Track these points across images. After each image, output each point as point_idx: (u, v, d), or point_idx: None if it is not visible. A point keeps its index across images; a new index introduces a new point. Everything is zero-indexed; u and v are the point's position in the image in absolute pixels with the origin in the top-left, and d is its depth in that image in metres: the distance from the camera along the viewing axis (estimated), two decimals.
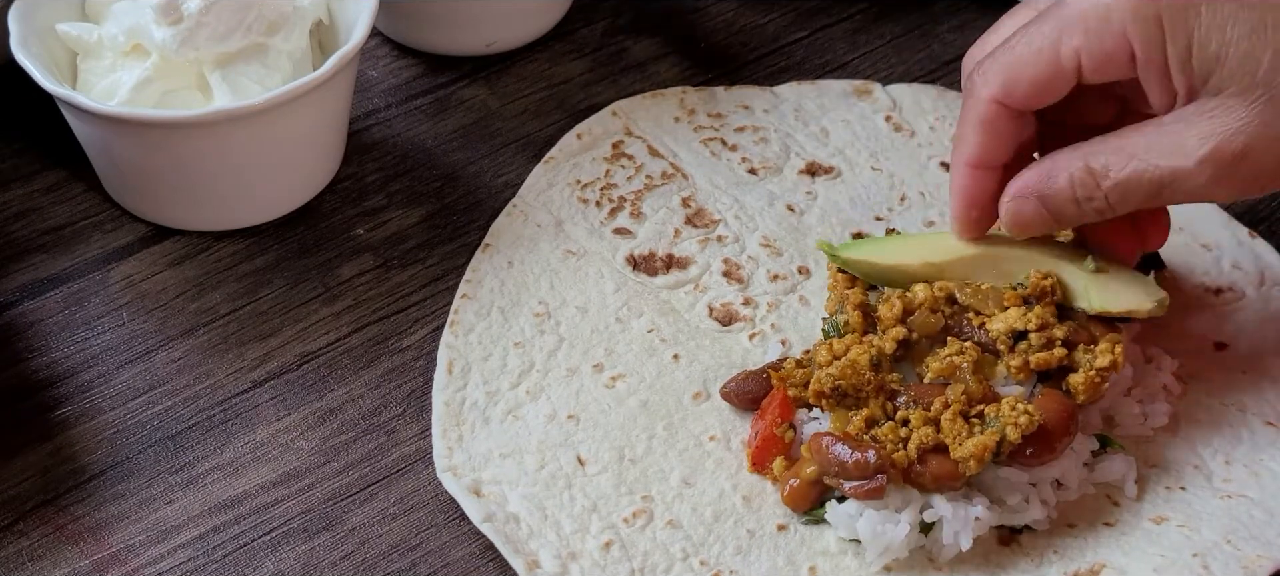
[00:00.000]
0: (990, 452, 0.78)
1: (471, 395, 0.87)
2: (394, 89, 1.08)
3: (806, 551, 0.81)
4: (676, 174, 1.00)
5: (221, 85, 0.93)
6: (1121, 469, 0.83)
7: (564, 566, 0.80)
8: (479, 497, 0.82)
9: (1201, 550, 0.80)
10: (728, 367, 0.89)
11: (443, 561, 0.82)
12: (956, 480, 0.79)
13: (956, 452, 0.78)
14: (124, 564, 0.81)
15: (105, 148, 0.95)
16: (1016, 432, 0.78)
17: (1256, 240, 0.96)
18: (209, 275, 0.96)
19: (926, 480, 0.79)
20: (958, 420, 0.78)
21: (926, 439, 0.78)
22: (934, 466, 0.79)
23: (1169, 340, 0.89)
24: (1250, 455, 0.84)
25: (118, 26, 0.93)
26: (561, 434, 0.86)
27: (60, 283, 0.95)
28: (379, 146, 1.04)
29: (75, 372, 0.90)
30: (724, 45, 1.12)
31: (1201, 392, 0.87)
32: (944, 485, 0.79)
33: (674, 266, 0.95)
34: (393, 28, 1.10)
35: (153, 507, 0.84)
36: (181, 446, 0.87)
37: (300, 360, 0.91)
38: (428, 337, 0.92)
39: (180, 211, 0.97)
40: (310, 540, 0.83)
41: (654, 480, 0.84)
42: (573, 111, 1.06)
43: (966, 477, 0.79)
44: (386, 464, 0.86)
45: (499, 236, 0.96)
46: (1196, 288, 0.93)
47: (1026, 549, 0.81)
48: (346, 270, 0.96)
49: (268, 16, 0.94)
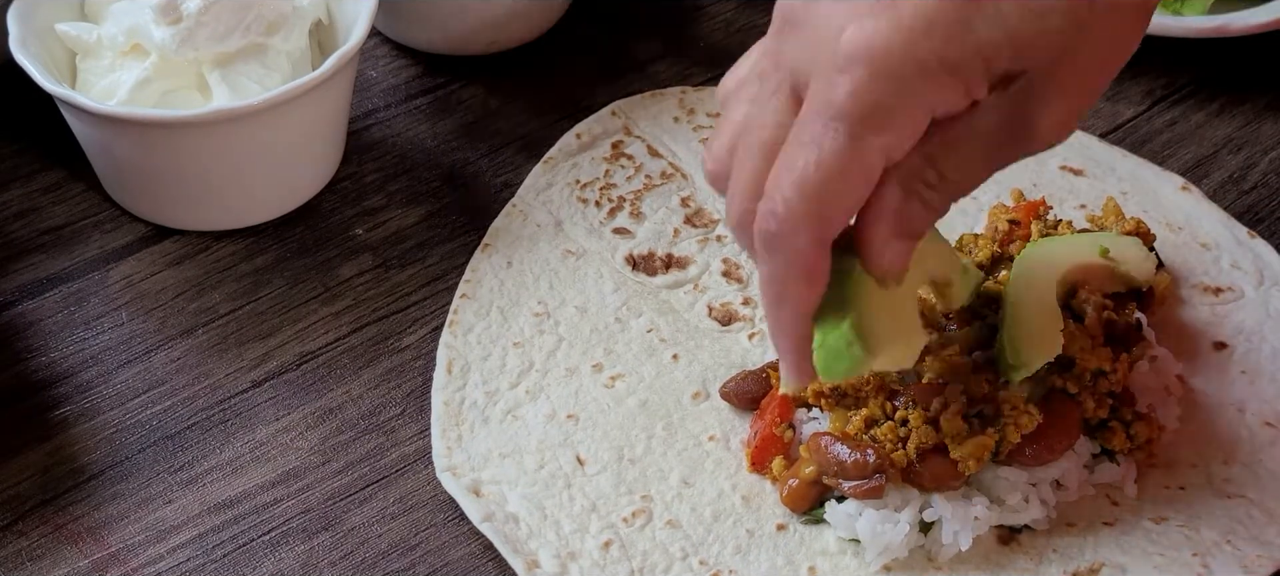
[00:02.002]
0: (989, 452, 0.78)
1: (471, 395, 0.87)
2: (393, 89, 1.08)
3: (806, 551, 0.81)
4: (676, 174, 1.00)
5: (221, 85, 0.93)
6: (1122, 469, 0.83)
7: (563, 566, 0.80)
8: (478, 497, 0.82)
9: (1201, 550, 0.80)
10: (727, 367, 0.89)
11: (442, 561, 0.82)
12: (956, 480, 0.79)
13: (956, 452, 0.78)
14: (123, 563, 0.81)
15: (104, 147, 0.95)
16: (1016, 433, 0.78)
17: (1256, 240, 0.96)
18: (208, 275, 0.96)
19: (926, 480, 0.79)
20: (957, 420, 0.78)
21: (926, 439, 0.78)
22: (933, 466, 0.78)
23: (1168, 340, 0.89)
24: (1249, 455, 0.84)
25: (117, 26, 0.93)
26: (561, 433, 0.86)
27: (59, 282, 0.95)
28: (378, 146, 1.04)
29: (74, 372, 0.90)
30: (724, 45, 1.12)
31: (1201, 392, 0.87)
32: (943, 485, 0.79)
33: (673, 266, 0.95)
34: (392, 28, 1.10)
35: (152, 507, 0.84)
36: (181, 446, 0.87)
37: (299, 360, 0.91)
38: (427, 337, 0.92)
39: (179, 211, 0.97)
40: (309, 540, 0.82)
41: (653, 480, 0.84)
42: (572, 111, 1.06)
43: (966, 478, 0.79)
44: (386, 463, 0.86)
45: (498, 236, 0.96)
46: (1195, 287, 0.93)
47: (1026, 548, 0.80)
48: (346, 270, 0.96)
49: (267, 16, 0.94)
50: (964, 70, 0.65)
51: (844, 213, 0.68)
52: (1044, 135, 0.69)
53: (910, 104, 0.65)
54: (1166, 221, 0.96)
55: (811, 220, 0.67)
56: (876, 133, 0.65)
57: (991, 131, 0.68)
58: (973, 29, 0.65)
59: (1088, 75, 0.69)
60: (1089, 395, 0.80)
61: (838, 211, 0.67)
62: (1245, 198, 1.01)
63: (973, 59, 0.65)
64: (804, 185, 0.66)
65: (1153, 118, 1.06)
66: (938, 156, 0.68)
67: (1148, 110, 1.07)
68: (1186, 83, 1.09)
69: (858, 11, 0.66)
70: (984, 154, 0.69)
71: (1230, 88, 1.08)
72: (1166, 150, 1.04)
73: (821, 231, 0.68)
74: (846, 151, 0.65)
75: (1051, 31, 0.65)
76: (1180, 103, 1.07)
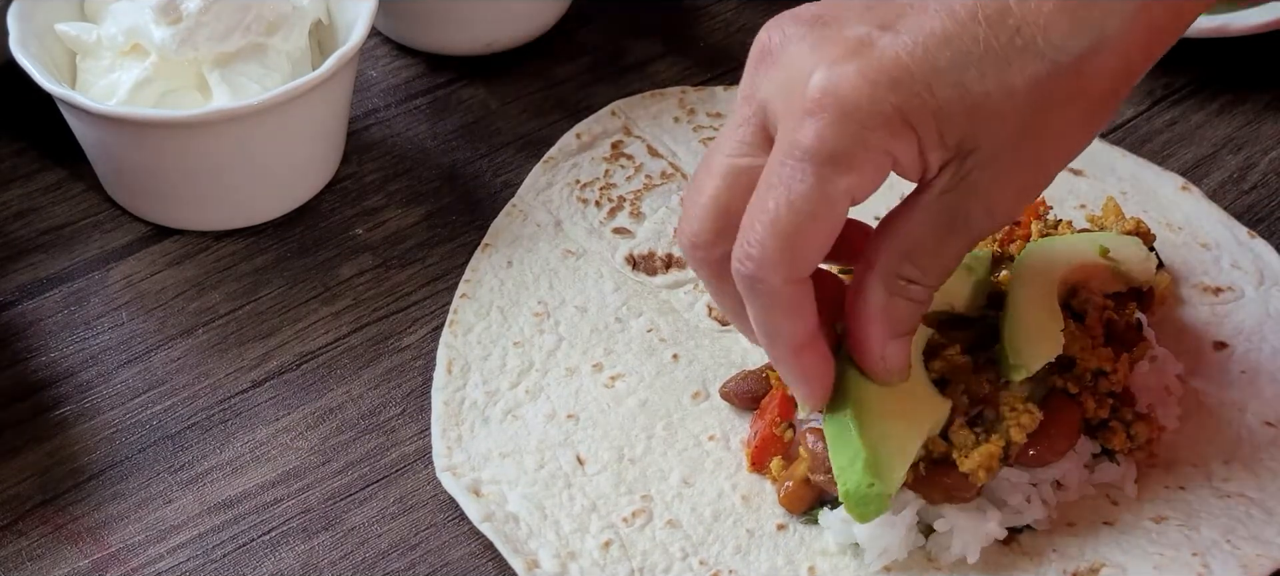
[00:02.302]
0: (997, 460, 0.77)
1: (471, 395, 0.87)
2: (393, 89, 1.08)
3: (806, 551, 0.81)
4: (676, 173, 1.00)
5: (221, 85, 0.93)
6: (1122, 469, 0.83)
7: (563, 566, 0.80)
8: (478, 497, 0.82)
9: (1201, 549, 0.80)
10: (727, 367, 0.89)
11: (442, 561, 0.82)
12: (969, 492, 0.78)
13: (964, 465, 0.77)
14: (123, 563, 0.81)
15: (104, 147, 0.95)
16: (1021, 433, 0.77)
17: (1256, 240, 0.96)
18: (208, 275, 0.96)
19: (938, 493, 0.78)
20: (963, 429, 0.78)
21: (934, 449, 0.78)
22: (946, 479, 0.78)
23: (1168, 340, 0.89)
24: (1250, 454, 0.84)
25: (117, 26, 0.93)
26: (561, 433, 0.86)
27: (59, 282, 0.95)
28: (378, 146, 1.04)
29: (74, 372, 0.90)
30: (724, 45, 1.12)
31: (1201, 392, 0.87)
32: (956, 497, 0.78)
33: (673, 266, 0.95)
34: (392, 28, 1.10)
35: (152, 507, 0.84)
36: (181, 446, 0.87)
37: (299, 360, 0.91)
38: (427, 337, 0.92)
39: (179, 211, 0.97)
40: (309, 539, 0.82)
41: (653, 479, 0.84)
42: (572, 111, 1.06)
43: (979, 489, 0.78)
44: (386, 463, 0.86)
45: (498, 236, 0.96)
46: (1195, 287, 0.93)
47: (1026, 549, 0.80)
48: (346, 270, 0.96)
49: (267, 16, 0.94)
50: (920, 128, 0.68)
51: (815, 251, 0.71)
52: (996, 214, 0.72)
53: (872, 149, 0.68)
54: (1166, 221, 0.96)
55: (785, 259, 0.70)
56: (842, 174, 0.68)
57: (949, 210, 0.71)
58: (934, 92, 0.68)
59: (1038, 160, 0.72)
60: (1090, 395, 0.80)
61: (809, 249, 0.70)
62: (1245, 198, 1.01)
63: (928, 119, 0.68)
64: (776, 225, 0.69)
65: (1153, 118, 1.06)
66: (910, 251, 0.72)
67: (1148, 110, 1.07)
68: (1186, 83, 1.09)
69: (829, 57, 0.69)
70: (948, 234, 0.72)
71: (1230, 88, 1.08)
72: (1166, 150, 1.04)
73: (795, 270, 0.71)
74: (815, 192, 0.68)
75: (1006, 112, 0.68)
76: (1180, 103, 1.07)
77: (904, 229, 0.73)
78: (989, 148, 0.69)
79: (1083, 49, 0.68)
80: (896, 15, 0.69)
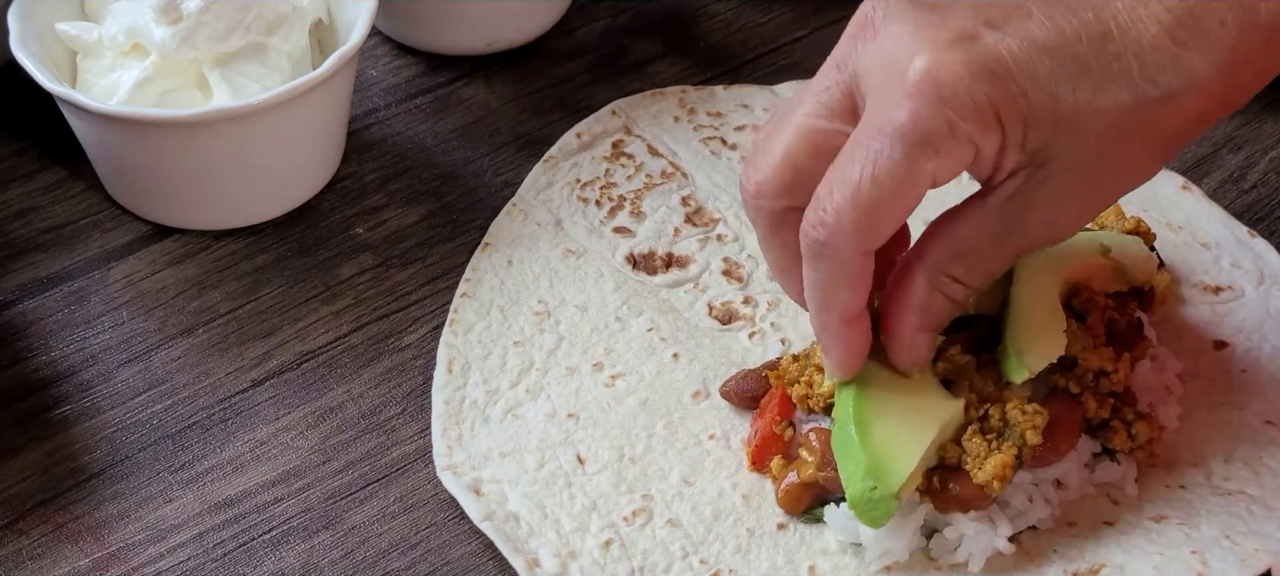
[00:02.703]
0: (1011, 469, 0.77)
1: (471, 394, 0.87)
2: (393, 88, 1.08)
3: (806, 550, 0.81)
4: (676, 173, 1.00)
5: (221, 85, 0.93)
6: (1122, 468, 0.83)
7: (563, 565, 0.80)
8: (479, 496, 0.82)
9: (1200, 547, 0.79)
10: (727, 366, 0.89)
11: (442, 560, 0.82)
12: (985, 501, 0.78)
13: (979, 476, 0.76)
14: (124, 562, 0.81)
15: (105, 147, 0.95)
16: (1036, 435, 0.77)
17: (1256, 239, 0.96)
18: (209, 274, 0.96)
19: (953, 503, 0.78)
20: (975, 437, 0.77)
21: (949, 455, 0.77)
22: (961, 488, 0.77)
23: (1168, 339, 0.89)
24: (1249, 453, 0.84)
25: (117, 26, 0.93)
26: (561, 432, 0.86)
27: (60, 281, 0.95)
28: (378, 145, 1.04)
29: (75, 372, 0.90)
30: (724, 45, 1.12)
31: (1201, 391, 0.87)
32: (972, 506, 0.78)
33: (674, 265, 0.95)
34: (392, 27, 1.10)
35: (152, 506, 0.84)
36: (181, 445, 0.87)
37: (300, 359, 0.91)
38: (427, 336, 0.92)
39: (180, 210, 0.97)
40: (310, 539, 0.82)
41: (654, 479, 0.84)
42: (572, 111, 1.06)
43: (994, 499, 0.78)
44: (386, 462, 0.86)
45: (498, 235, 0.96)
46: (1195, 286, 0.93)
47: (1026, 548, 0.80)
48: (346, 269, 0.96)
49: (267, 16, 0.94)
50: (1008, 127, 0.70)
51: (889, 228, 0.72)
52: (1055, 228, 0.75)
53: (961, 138, 0.70)
54: (1166, 221, 0.96)
55: (861, 230, 0.71)
56: (929, 157, 0.70)
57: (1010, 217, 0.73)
58: (1028, 96, 0.70)
59: (1103, 184, 0.74)
60: (1091, 395, 0.80)
61: (884, 224, 0.71)
62: (1245, 197, 1.01)
63: (1017, 121, 0.70)
64: (857, 195, 0.70)
65: None
66: (962, 251, 0.74)
67: None
68: None
69: (934, 42, 0.70)
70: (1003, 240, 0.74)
71: None
72: None
73: (868, 242, 0.72)
74: (900, 169, 0.70)
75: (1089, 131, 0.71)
76: None
77: (960, 229, 0.74)
78: (1063, 162, 0.71)
79: (1172, 88, 0.71)
80: (1003, 16, 0.71)
